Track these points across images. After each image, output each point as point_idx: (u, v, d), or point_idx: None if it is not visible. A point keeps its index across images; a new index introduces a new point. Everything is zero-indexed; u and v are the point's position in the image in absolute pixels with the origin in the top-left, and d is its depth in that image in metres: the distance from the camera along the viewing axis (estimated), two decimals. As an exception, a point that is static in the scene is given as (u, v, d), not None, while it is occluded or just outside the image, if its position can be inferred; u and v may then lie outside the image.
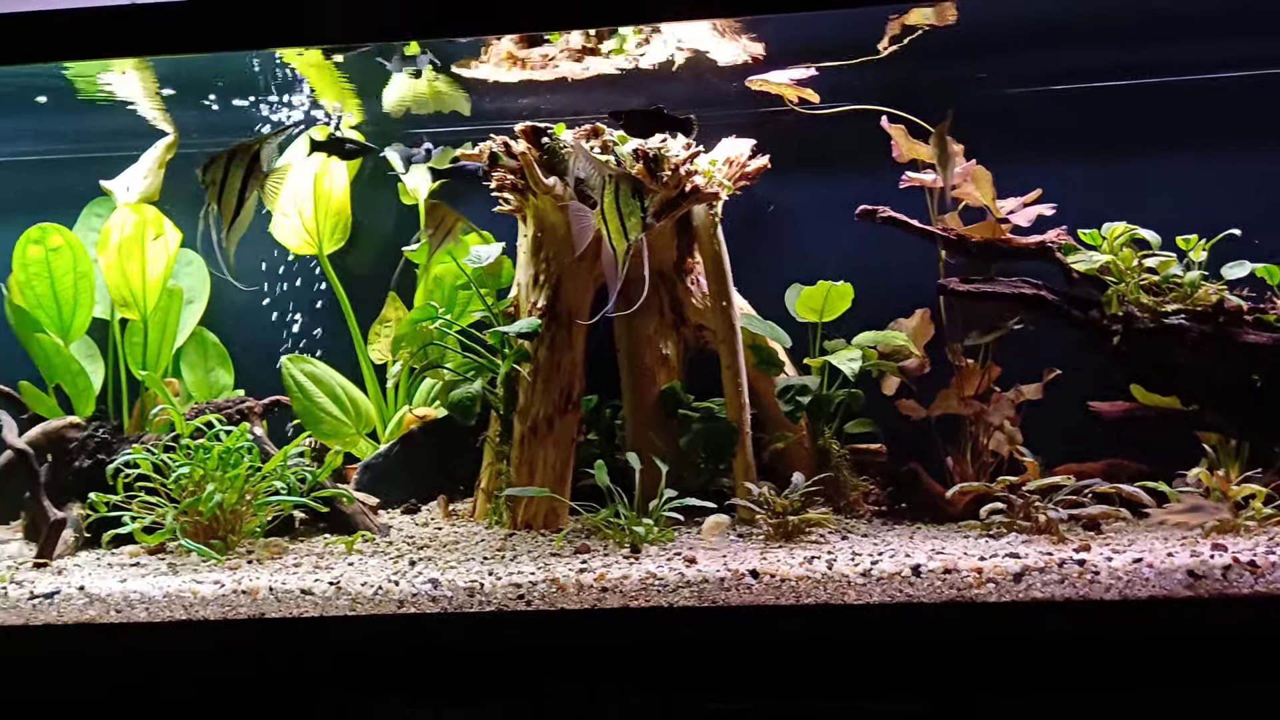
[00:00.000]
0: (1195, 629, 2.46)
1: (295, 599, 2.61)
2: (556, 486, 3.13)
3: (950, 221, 3.22)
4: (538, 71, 3.32)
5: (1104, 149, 3.44)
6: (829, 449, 3.23)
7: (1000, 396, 3.22)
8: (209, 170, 2.95)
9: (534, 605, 2.58)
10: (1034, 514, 2.89)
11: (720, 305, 3.24)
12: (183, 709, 2.61)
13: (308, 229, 3.62)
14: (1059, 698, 2.49)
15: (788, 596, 2.56)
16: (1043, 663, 2.51)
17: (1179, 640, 2.47)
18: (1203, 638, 2.46)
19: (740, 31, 3.15)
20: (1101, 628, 2.49)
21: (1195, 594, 2.46)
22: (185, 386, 3.66)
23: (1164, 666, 2.47)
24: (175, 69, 3.29)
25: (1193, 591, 2.47)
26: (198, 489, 2.98)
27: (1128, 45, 3.28)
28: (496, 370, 3.23)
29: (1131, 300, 3.04)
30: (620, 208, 2.77)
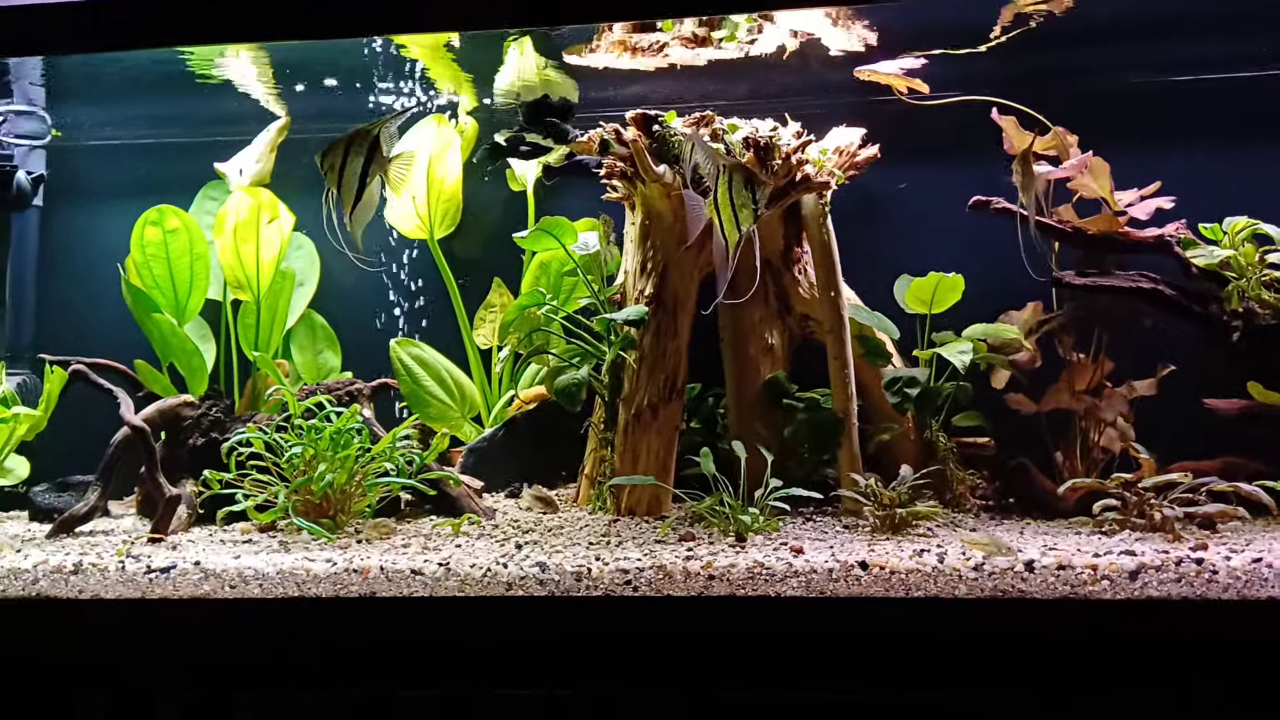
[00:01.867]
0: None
1: (405, 579, 2.66)
2: (660, 474, 3.15)
3: (1065, 214, 3.16)
4: (649, 59, 3.32)
5: (1227, 141, 3.35)
6: (935, 441, 3.20)
7: (1113, 392, 3.15)
8: (328, 155, 2.98)
9: (640, 591, 2.59)
10: (1148, 511, 2.84)
11: (828, 295, 3.23)
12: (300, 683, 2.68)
13: (420, 214, 3.67)
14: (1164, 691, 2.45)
15: (897, 589, 2.55)
16: (1158, 661, 2.47)
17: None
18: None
19: (854, 18, 3.12)
20: (1220, 627, 2.44)
21: (1317, 596, 2.42)
22: (294, 368, 3.74)
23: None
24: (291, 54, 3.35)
25: (1316, 593, 2.42)
26: (309, 468, 3.05)
27: (1252, 35, 3.18)
28: (602, 357, 3.26)
29: (1252, 296, 2.97)
30: (733, 198, 2.78)
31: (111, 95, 3.60)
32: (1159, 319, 3.09)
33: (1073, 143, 3.11)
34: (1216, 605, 2.46)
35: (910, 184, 3.51)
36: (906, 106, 3.31)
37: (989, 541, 2.70)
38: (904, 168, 3.48)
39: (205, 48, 3.25)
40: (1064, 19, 3.06)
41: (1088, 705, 2.51)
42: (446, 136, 3.60)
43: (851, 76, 3.29)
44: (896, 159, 3.40)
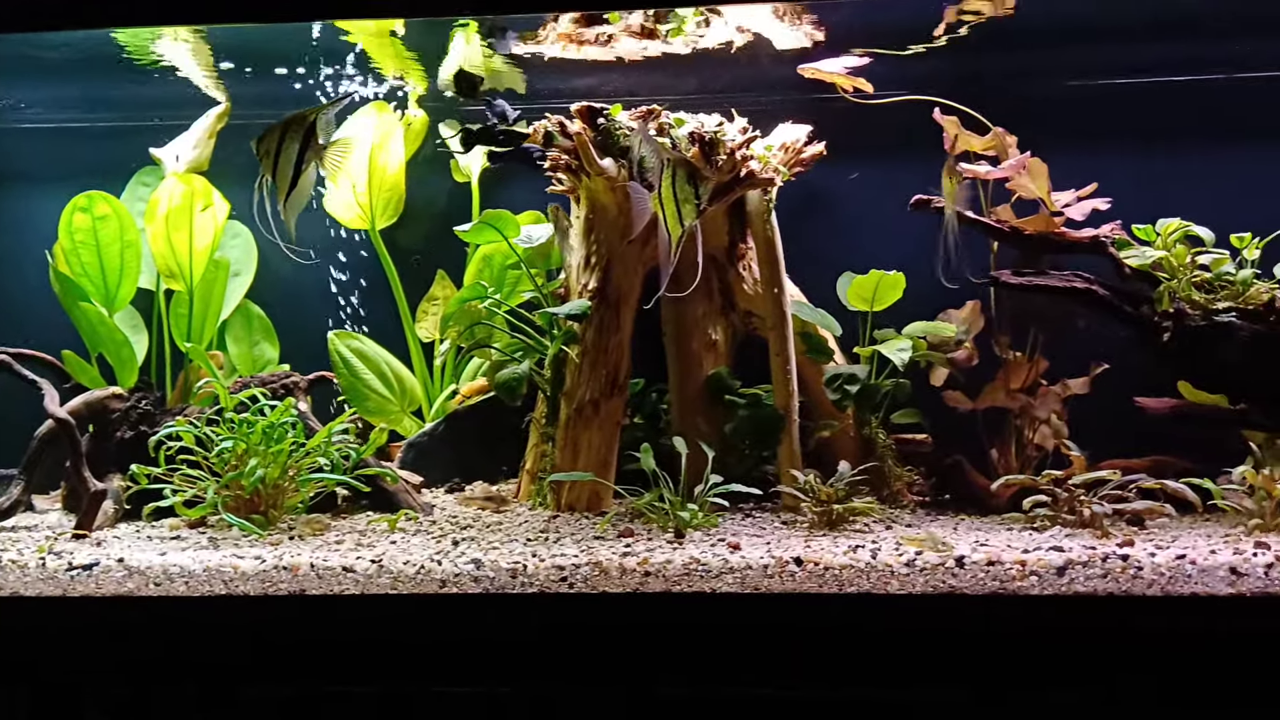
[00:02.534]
0: (1236, 626, 2.46)
1: (337, 576, 2.62)
2: (601, 470, 3.13)
3: (1003, 214, 3.19)
4: (596, 50, 3.30)
5: (1162, 144, 3.40)
6: (875, 438, 3.23)
7: (1047, 390, 3.20)
8: (263, 141, 2.93)
9: (576, 588, 2.58)
10: (1078, 508, 2.89)
11: (771, 291, 3.23)
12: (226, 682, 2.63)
13: (360, 204, 3.61)
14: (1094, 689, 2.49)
15: (830, 585, 2.56)
16: (1085, 655, 2.50)
17: (1219, 637, 2.46)
18: (1244, 635, 2.45)
19: (800, 16, 3.13)
20: (1144, 623, 2.49)
21: (1237, 591, 2.46)
22: (229, 359, 3.66)
23: (1204, 663, 2.46)
24: (231, 39, 3.27)
25: (1234, 589, 2.46)
26: (240, 463, 2.99)
27: (1187, 40, 3.24)
28: (544, 351, 3.24)
29: (1183, 297, 3.02)
30: (676, 193, 2.77)
31: (43, 76, 3.48)
32: (1092, 319, 3.14)
33: (1012, 143, 3.15)
34: (1141, 601, 2.50)
35: (854, 183, 3.52)
36: (853, 104, 3.32)
37: (925, 538, 2.73)
38: (850, 165, 3.49)
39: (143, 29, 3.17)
40: (1005, 21, 3.09)
41: (1017, 702, 2.54)
42: (388, 125, 3.54)
43: (799, 73, 3.30)
44: (842, 157, 3.41)
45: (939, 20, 3.11)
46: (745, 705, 2.59)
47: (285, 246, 2.92)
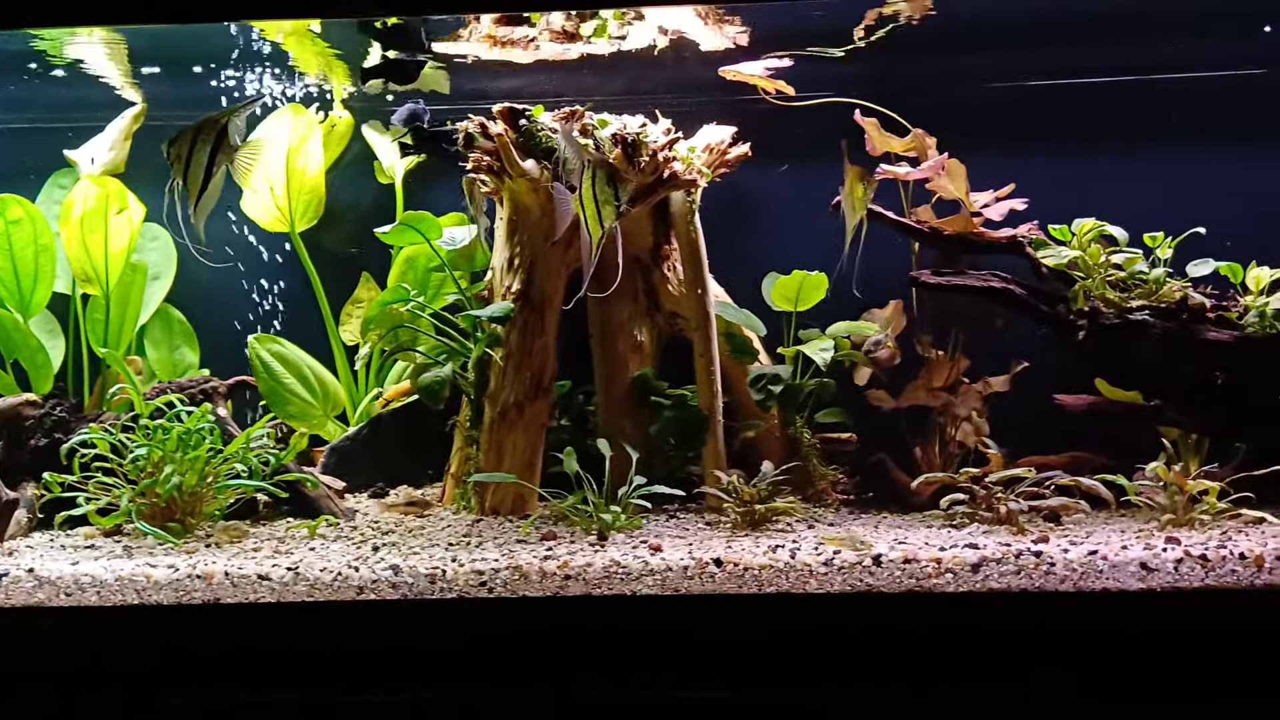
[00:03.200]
0: (1146, 621, 2.50)
1: (252, 584, 2.58)
2: (525, 472, 3.11)
3: (924, 214, 3.23)
4: (519, 52, 3.29)
5: (1079, 145, 3.45)
6: (799, 438, 3.25)
7: (968, 388, 3.24)
8: (175, 144, 2.90)
9: (496, 592, 2.56)
10: (995, 505, 2.92)
11: (695, 292, 3.24)
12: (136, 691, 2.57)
13: (279, 206, 3.56)
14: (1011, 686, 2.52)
15: (750, 585, 2.57)
16: (999, 652, 2.53)
17: (1130, 632, 2.50)
18: (1154, 630, 2.49)
19: (723, 19, 3.14)
20: (1057, 618, 2.52)
21: (1147, 586, 2.50)
22: (149, 365, 3.60)
23: (1113, 657, 2.50)
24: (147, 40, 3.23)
25: (1145, 584, 2.50)
26: (156, 470, 2.94)
27: (1103, 43, 3.30)
28: (468, 354, 3.21)
29: (1097, 296, 3.07)
30: (596, 194, 2.77)
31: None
32: (1010, 318, 3.18)
33: (931, 145, 3.18)
34: (1054, 597, 2.53)
35: (778, 185, 3.54)
36: (777, 106, 3.34)
37: (844, 537, 2.75)
38: (775, 166, 3.50)
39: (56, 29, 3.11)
40: (925, 24, 3.13)
41: (935, 699, 2.57)
42: (306, 127, 3.50)
43: (721, 75, 3.31)
44: (767, 158, 3.42)
45: (859, 23, 3.14)
46: (665, 707, 2.59)
47: (196, 250, 2.88)
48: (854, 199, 3.00)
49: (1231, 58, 3.36)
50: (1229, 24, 3.15)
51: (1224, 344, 3.01)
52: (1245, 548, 2.54)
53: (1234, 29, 3.19)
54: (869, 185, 2.99)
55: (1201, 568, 2.50)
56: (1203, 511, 2.82)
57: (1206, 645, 2.48)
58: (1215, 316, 3.05)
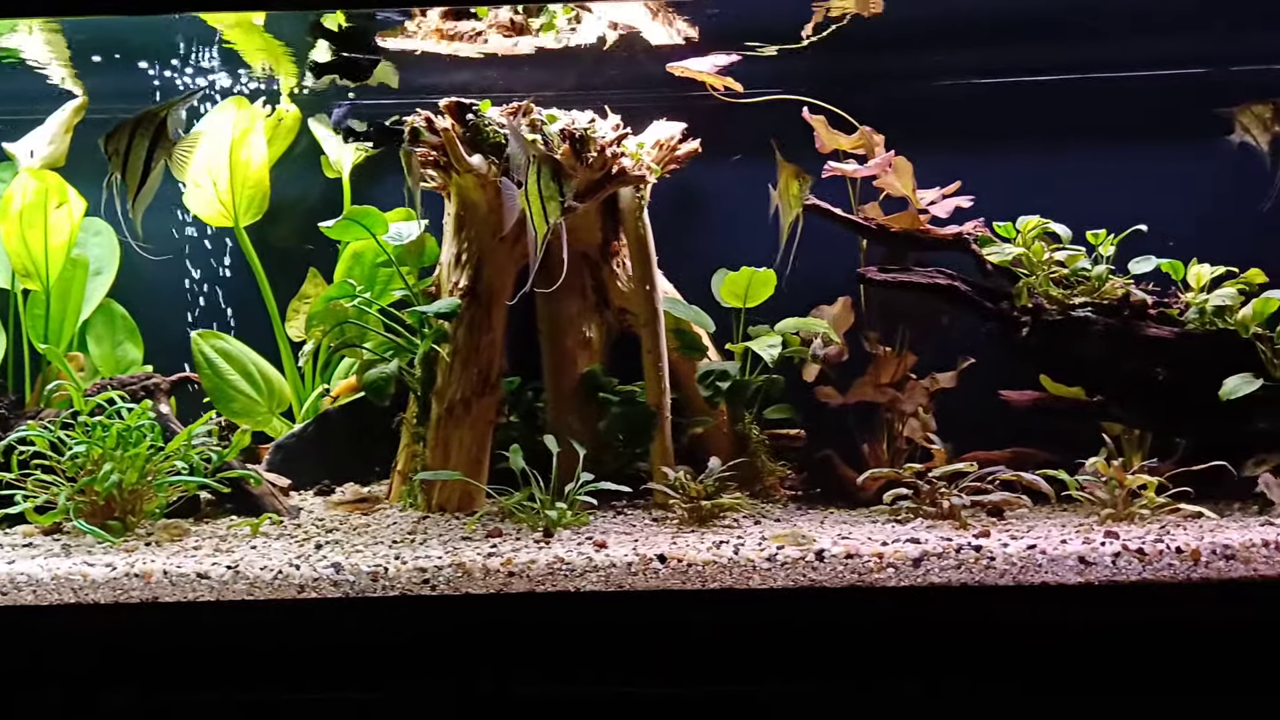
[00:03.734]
0: (1084, 615, 2.53)
1: (191, 583, 2.55)
2: (472, 469, 3.10)
3: (871, 211, 3.25)
4: (467, 46, 3.27)
5: (1025, 142, 3.48)
6: (747, 434, 3.25)
7: (915, 384, 3.26)
8: (112, 139, 2.88)
9: (439, 590, 2.55)
10: (939, 500, 2.94)
11: (644, 289, 3.23)
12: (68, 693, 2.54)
13: (222, 200, 3.52)
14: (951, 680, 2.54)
15: (693, 581, 2.57)
16: (940, 647, 2.55)
17: (1069, 626, 2.53)
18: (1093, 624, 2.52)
19: (672, 14, 3.14)
20: (994, 613, 2.54)
21: (1085, 580, 2.53)
22: (91, 361, 3.54)
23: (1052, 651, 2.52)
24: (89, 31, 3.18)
25: (1083, 578, 2.53)
26: (95, 468, 2.89)
27: (1053, 41, 3.33)
28: (415, 350, 3.19)
29: (1041, 292, 3.10)
30: (541, 189, 2.76)
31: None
32: (956, 314, 3.20)
33: (879, 142, 3.20)
34: (993, 591, 2.55)
35: (730, 181, 3.54)
36: (728, 103, 3.34)
37: (789, 533, 2.76)
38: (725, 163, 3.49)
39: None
40: (873, 22, 3.14)
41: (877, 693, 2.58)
42: (249, 120, 3.46)
43: (670, 71, 3.31)
44: (718, 155, 3.42)
45: (808, 20, 3.15)
46: (609, 704, 2.59)
47: (136, 245, 2.84)
48: (789, 196, 3.01)
49: (1176, 57, 3.40)
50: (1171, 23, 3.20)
51: (1165, 340, 3.05)
52: (1182, 542, 2.57)
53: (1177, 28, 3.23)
54: (804, 182, 3.01)
55: (1139, 561, 2.53)
56: (1142, 506, 2.85)
57: (1144, 639, 2.51)
58: (1157, 313, 3.10)
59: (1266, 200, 3.10)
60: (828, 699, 2.56)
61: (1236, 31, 3.18)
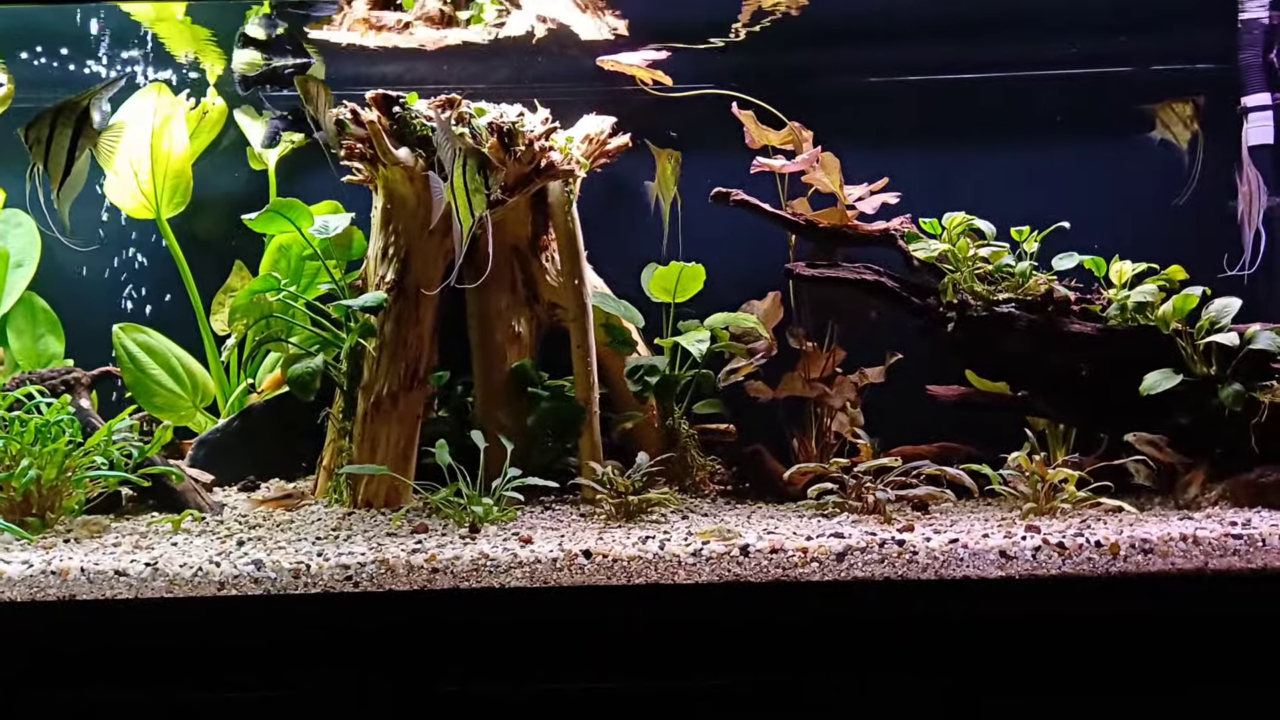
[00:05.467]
0: (1005, 608, 2.55)
1: (109, 580, 2.51)
2: (399, 464, 3.08)
3: (799, 207, 3.26)
4: (395, 37, 3.23)
5: (950, 139, 3.52)
6: (677, 429, 3.26)
7: (843, 380, 3.29)
8: (33, 128, 2.83)
9: (361, 587, 2.53)
10: (864, 494, 2.97)
11: (572, 283, 3.23)
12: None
13: (144, 191, 3.45)
14: (876, 675, 2.56)
15: (619, 576, 2.57)
16: (864, 641, 2.58)
17: (989, 620, 2.55)
18: (1013, 617, 2.55)
19: (602, 8, 3.13)
20: (917, 607, 2.56)
21: (1006, 574, 2.56)
22: (11, 355, 3.46)
23: (974, 645, 2.55)
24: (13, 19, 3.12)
25: (1004, 571, 2.56)
26: (12, 464, 2.83)
27: (976, 39, 3.37)
28: (341, 344, 3.15)
29: (966, 288, 3.13)
30: (466, 183, 2.74)
31: None
32: (883, 310, 3.23)
33: (808, 138, 3.21)
34: (915, 585, 2.58)
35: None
36: (658, 97, 3.34)
37: (715, 528, 2.77)
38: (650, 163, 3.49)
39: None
40: (801, 18, 3.15)
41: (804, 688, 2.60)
42: (170, 107, 3.40)
43: (599, 65, 3.30)
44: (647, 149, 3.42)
45: (738, 15, 3.15)
46: (534, 701, 2.58)
47: (63, 237, 2.79)
48: (665, 178, 3.04)
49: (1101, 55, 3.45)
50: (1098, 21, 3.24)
51: (1088, 336, 3.09)
52: (1102, 536, 2.60)
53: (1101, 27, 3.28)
54: (675, 163, 3.01)
55: (1059, 555, 2.56)
56: (1063, 500, 2.89)
57: (1063, 632, 2.54)
58: (1080, 309, 3.14)
59: (1182, 195, 3.16)
60: (753, 694, 2.57)
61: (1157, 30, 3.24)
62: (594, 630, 2.58)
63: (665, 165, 3.06)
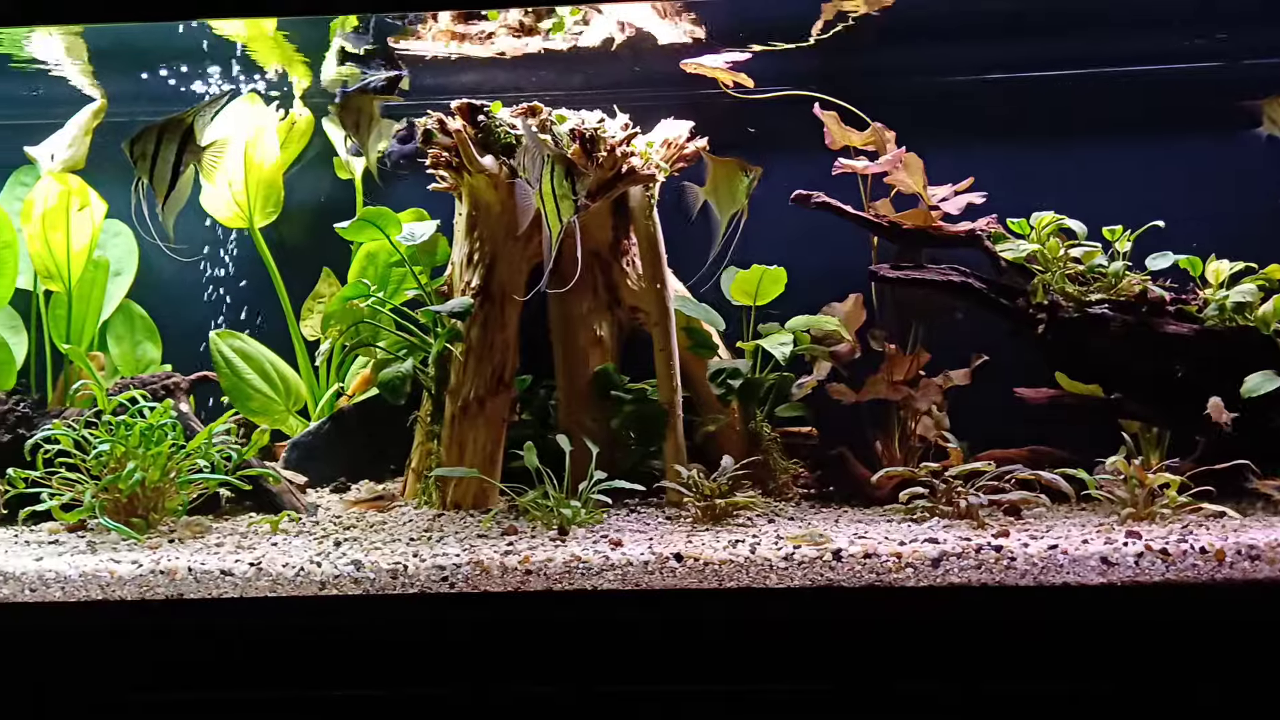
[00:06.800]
0: (1107, 616, 2.51)
1: (215, 579, 2.59)
2: (486, 467, 3.12)
3: (882, 208, 3.24)
4: (477, 47, 3.28)
5: (1036, 139, 3.48)
6: (759, 432, 3.26)
7: (928, 382, 3.25)
8: (138, 143, 2.92)
9: (457, 588, 2.57)
10: (955, 499, 2.93)
11: (654, 287, 3.24)
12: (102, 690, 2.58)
13: (238, 201, 3.55)
14: (973, 683, 2.54)
15: (710, 580, 2.58)
16: (959, 648, 2.55)
17: (1091, 627, 2.51)
18: (1114, 624, 2.51)
19: (681, 13, 3.14)
20: (1017, 613, 2.52)
21: (1108, 581, 2.52)
22: (111, 360, 3.59)
23: (1076, 653, 2.51)
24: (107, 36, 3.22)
25: (1105, 578, 2.52)
26: (118, 466, 2.93)
27: (1060, 37, 3.31)
28: (429, 349, 3.21)
29: (1057, 289, 3.08)
30: (555, 188, 2.77)
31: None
32: (969, 312, 3.19)
33: (890, 138, 3.19)
34: (1014, 591, 2.54)
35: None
36: (736, 100, 3.34)
37: (805, 533, 2.76)
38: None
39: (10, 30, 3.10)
40: (883, 18, 3.13)
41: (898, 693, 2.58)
42: (262, 118, 3.50)
43: (683, 70, 3.30)
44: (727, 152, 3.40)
45: (818, 16, 3.14)
46: (627, 701, 2.60)
47: (167, 248, 2.88)
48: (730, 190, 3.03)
49: (1194, 51, 3.37)
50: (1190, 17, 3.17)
51: (1184, 337, 3.03)
52: (1206, 542, 2.55)
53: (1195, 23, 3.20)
54: (751, 174, 3.00)
55: (1162, 562, 2.51)
56: (1163, 505, 2.83)
57: (1168, 640, 2.49)
58: (1175, 310, 3.07)
59: None
60: (846, 699, 2.56)
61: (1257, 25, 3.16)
62: (686, 634, 2.59)
63: (729, 175, 3.05)
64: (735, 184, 3.17)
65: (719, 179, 3.28)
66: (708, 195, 3.33)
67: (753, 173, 3.23)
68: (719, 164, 3.32)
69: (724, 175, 3.24)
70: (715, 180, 3.31)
